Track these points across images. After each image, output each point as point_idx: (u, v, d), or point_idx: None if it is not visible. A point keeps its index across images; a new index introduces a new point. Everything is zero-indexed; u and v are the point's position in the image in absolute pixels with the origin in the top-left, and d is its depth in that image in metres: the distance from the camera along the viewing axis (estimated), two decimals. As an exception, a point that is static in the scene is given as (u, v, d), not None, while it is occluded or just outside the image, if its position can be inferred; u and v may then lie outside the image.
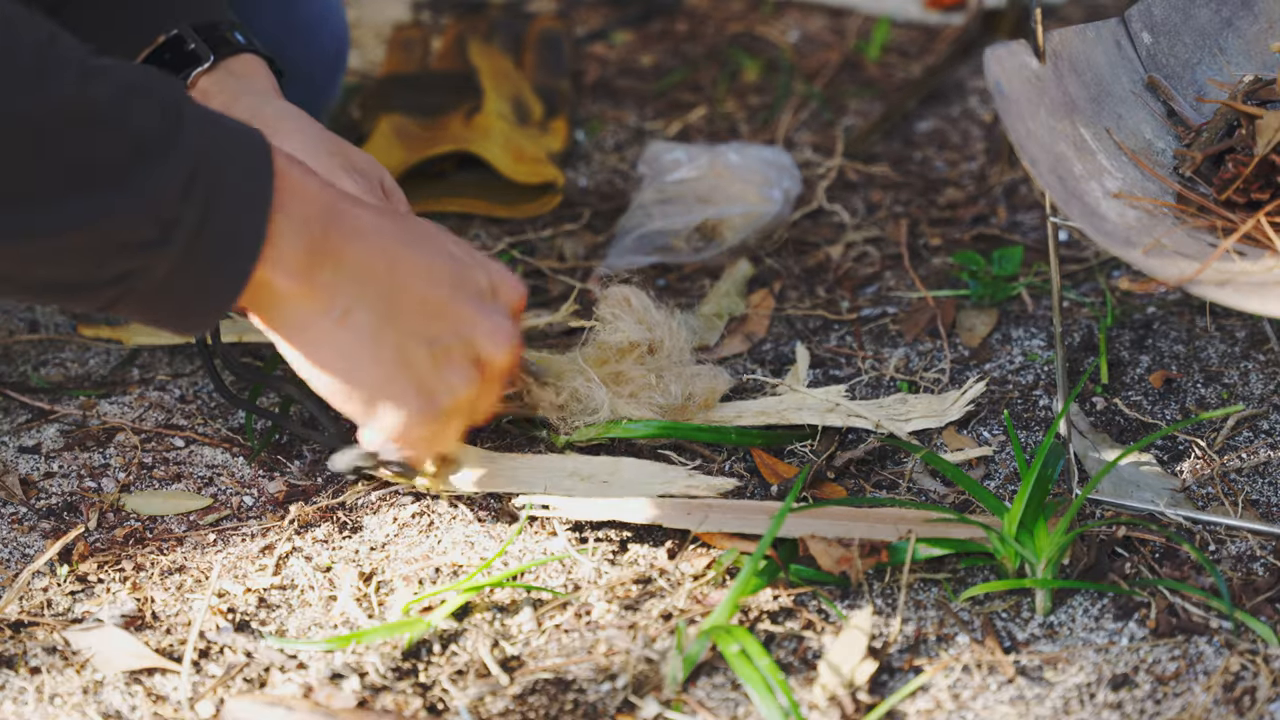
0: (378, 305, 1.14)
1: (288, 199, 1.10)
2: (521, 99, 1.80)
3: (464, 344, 1.18)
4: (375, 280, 1.14)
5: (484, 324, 1.18)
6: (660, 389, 1.36)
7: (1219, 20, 1.32)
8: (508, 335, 1.19)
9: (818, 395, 1.40)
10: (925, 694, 1.14)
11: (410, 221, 1.21)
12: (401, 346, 1.16)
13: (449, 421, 1.20)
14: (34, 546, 1.29)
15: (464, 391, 1.19)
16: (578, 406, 1.36)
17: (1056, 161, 1.15)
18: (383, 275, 1.14)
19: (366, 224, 1.15)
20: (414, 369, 1.17)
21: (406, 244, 1.17)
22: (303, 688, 1.16)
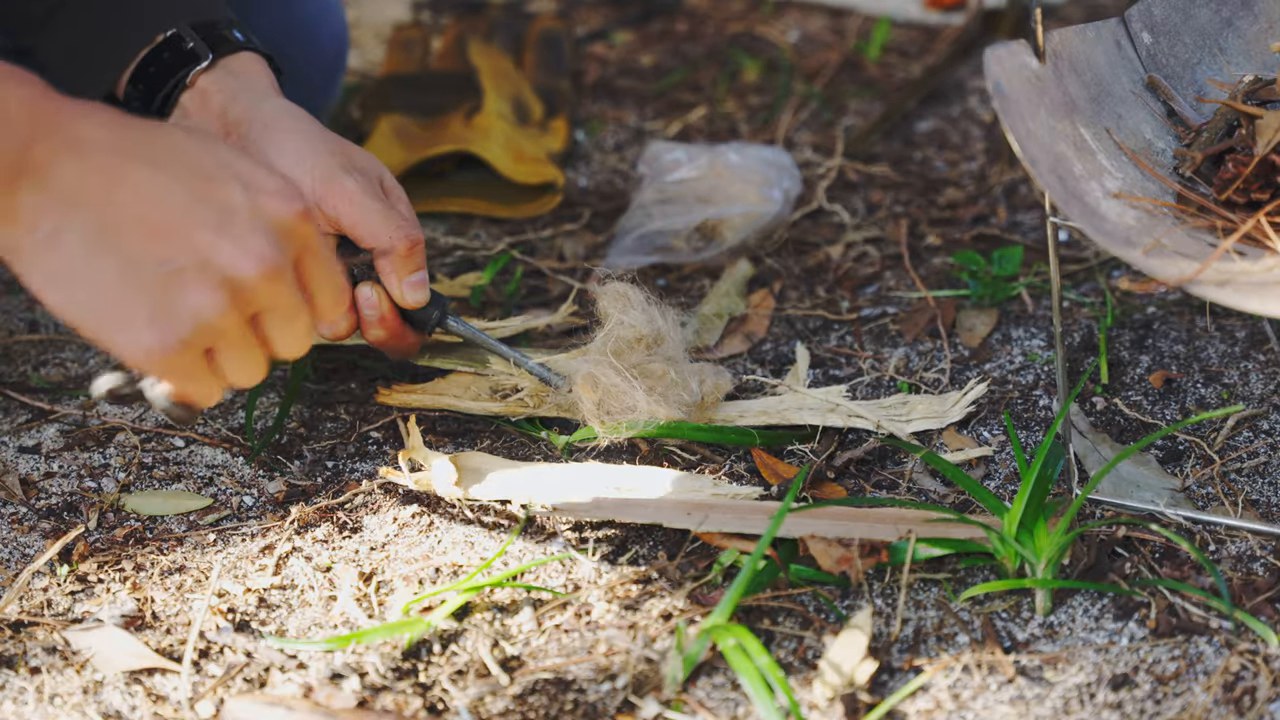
0: (90, 226, 1.07)
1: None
2: (521, 99, 1.80)
3: (200, 265, 1.08)
4: (88, 199, 1.07)
5: (223, 244, 1.08)
6: (684, 386, 1.36)
7: (1219, 20, 1.32)
8: (259, 255, 1.09)
9: (818, 395, 1.40)
10: (925, 694, 1.14)
11: (155, 135, 1.12)
12: (122, 270, 1.08)
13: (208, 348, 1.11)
14: (34, 546, 1.29)
15: (209, 315, 1.09)
16: (615, 405, 1.35)
17: (1056, 161, 1.15)
18: (97, 193, 1.07)
19: (89, 139, 1.08)
20: (140, 293, 1.08)
21: (138, 160, 1.08)
22: (303, 688, 1.16)
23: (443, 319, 1.37)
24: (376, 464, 1.37)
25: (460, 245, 1.65)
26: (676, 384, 1.36)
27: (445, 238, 1.66)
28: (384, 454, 1.38)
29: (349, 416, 1.42)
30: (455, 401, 1.41)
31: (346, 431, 1.41)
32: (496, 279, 1.59)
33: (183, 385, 1.14)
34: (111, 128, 1.09)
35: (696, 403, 1.36)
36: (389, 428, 1.41)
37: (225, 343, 1.11)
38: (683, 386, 1.36)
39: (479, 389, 1.42)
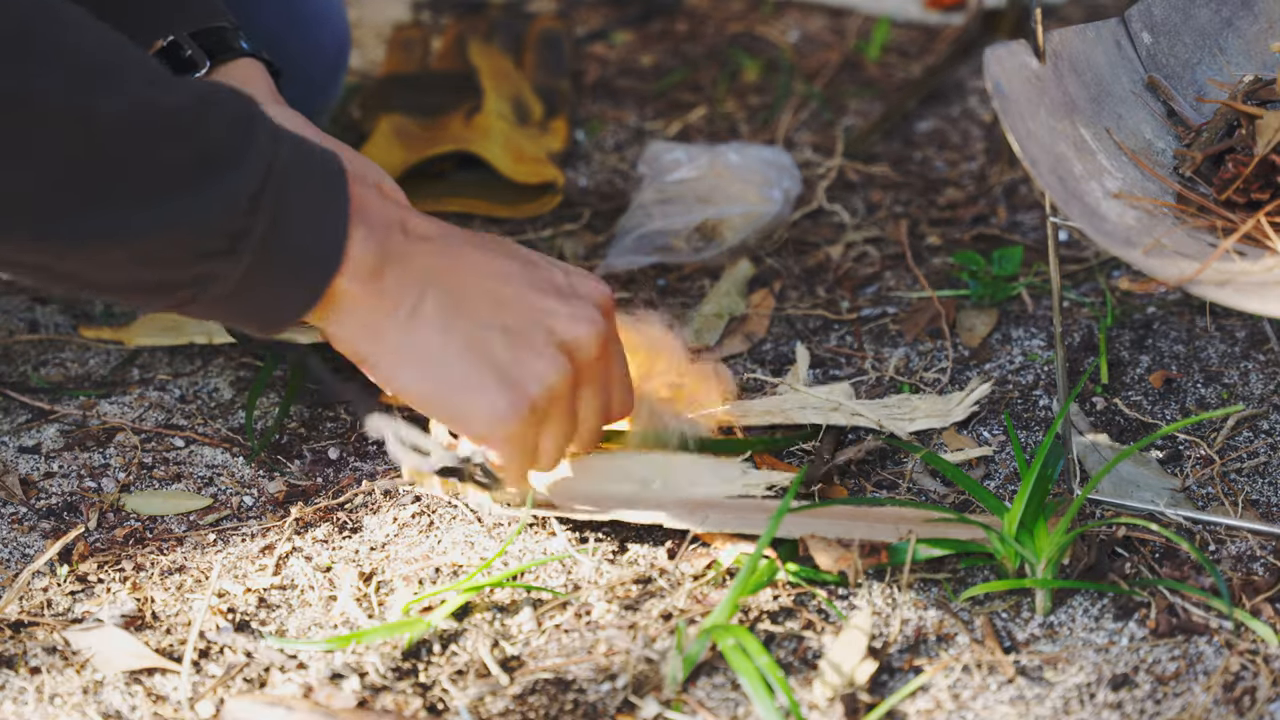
0: (445, 299, 1.15)
1: (361, 211, 1.12)
2: (521, 99, 1.80)
3: (543, 330, 1.17)
4: (441, 276, 1.15)
5: (562, 309, 1.18)
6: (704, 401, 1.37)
7: (1219, 20, 1.32)
8: (591, 320, 1.18)
9: (821, 394, 1.40)
10: (925, 694, 1.14)
11: (479, 233, 1.22)
12: (474, 336, 1.16)
13: (543, 419, 1.18)
14: (34, 546, 1.29)
15: (553, 378, 1.17)
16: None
17: (1056, 161, 1.15)
18: (448, 272, 1.16)
19: (432, 230, 1.17)
20: (491, 358, 1.16)
21: (474, 246, 1.18)
22: (303, 688, 1.16)
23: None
24: (376, 464, 1.37)
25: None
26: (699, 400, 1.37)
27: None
28: (384, 454, 1.38)
29: (349, 416, 1.42)
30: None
31: (346, 431, 1.41)
32: (496, 279, 1.59)
33: (513, 457, 1.20)
34: (435, 222, 1.19)
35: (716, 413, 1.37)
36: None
37: (557, 411, 1.19)
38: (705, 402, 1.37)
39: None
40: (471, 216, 1.69)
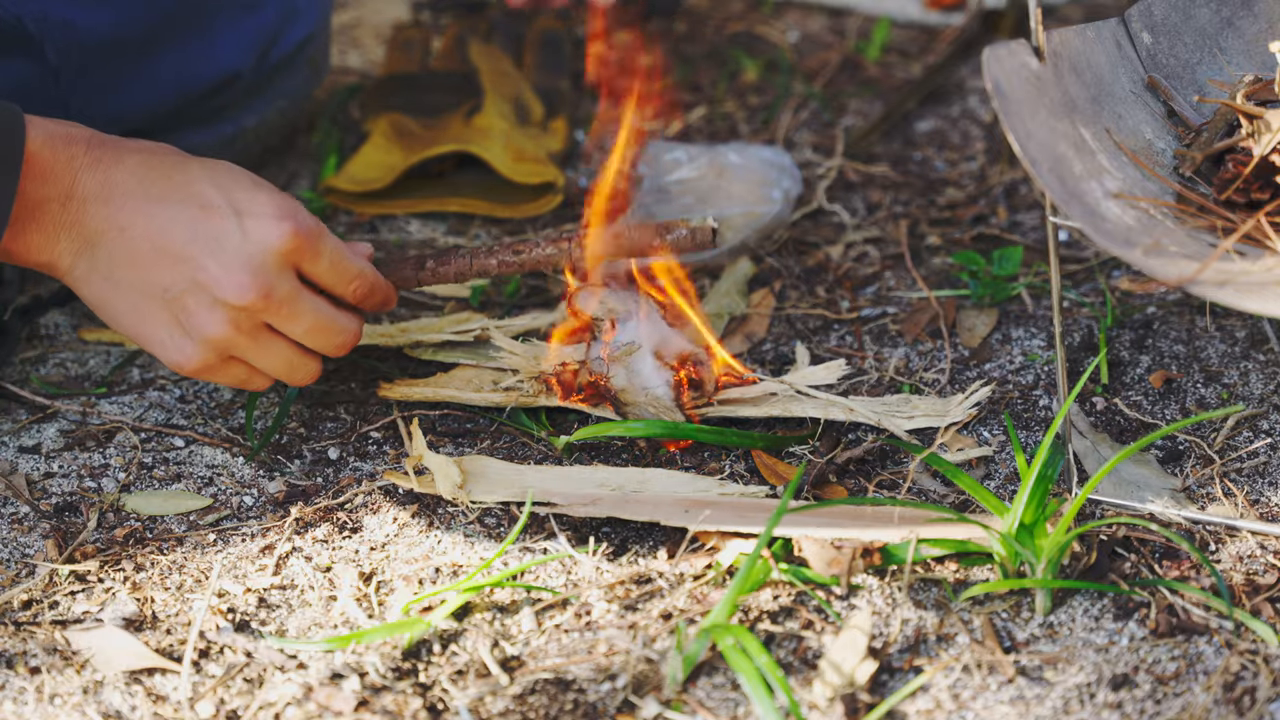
0: (108, 263, 1.27)
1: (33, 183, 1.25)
2: (521, 99, 1.80)
3: (200, 290, 1.26)
4: (107, 240, 1.27)
5: (211, 269, 1.26)
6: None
7: (1219, 20, 1.32)
8: (239, 281, 1.26)
9: (818, 373, 1.40)
10: (925, 694, 1.14)
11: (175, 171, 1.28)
12: (139, 298, 1.27)
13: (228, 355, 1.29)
14: (34, 546, 1.29)
15: (213, 333, 1.27)
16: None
17: (1056, 161, 1.15)
18: (115, 234, 1.27)
19: (116, 184, 1.27)
20: (157, 316, 1.28)
21: (152, 199, 1.27)
22: (303, 688, 1.16)
23: None
24: (376, 464, 1.37)
25: (460, 245, 1.65)
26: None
27: (445, 238, 1.66)
28: (384, 454, 1.38)
29: (349, 416, 1.42)
30: (457, 394, 1.42)
31: (346, 431, 1.41)
32: (496, 279, 1.59)
33: (231, 385, 1.33)
34: (137, 170, 1.28)
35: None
36: (389, 428, 1.41)
37: (248, 352, 1.30)
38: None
39: (481, 381, 1.43)
40: (472, 216, 1.69)
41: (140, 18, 1.52)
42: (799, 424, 1.38)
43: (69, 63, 1.48)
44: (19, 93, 1.48)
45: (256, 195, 1.28)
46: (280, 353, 1.31)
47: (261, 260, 1.26)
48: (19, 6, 1.45)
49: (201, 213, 1.27)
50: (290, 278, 1.28)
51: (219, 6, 1.57)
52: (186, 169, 1.29)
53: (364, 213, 1.69)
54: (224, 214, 1.27)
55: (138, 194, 1.27)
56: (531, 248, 1.35)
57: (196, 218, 1.27)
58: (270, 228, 1.27)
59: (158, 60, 1.54)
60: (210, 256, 1.26)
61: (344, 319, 1.32)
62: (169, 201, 1.27)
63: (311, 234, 1.28)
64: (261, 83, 1.63)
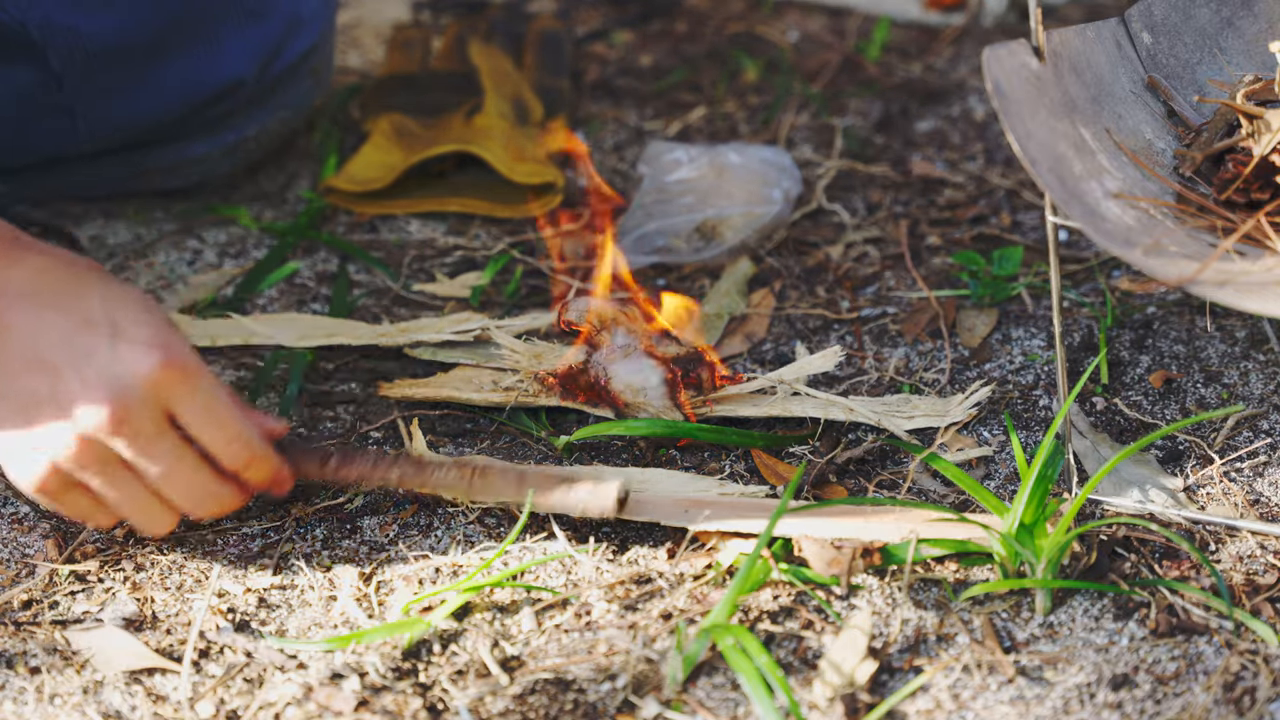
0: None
1: None
2: (521, 99, 1.80)
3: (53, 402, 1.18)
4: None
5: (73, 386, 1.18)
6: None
7: (1219, 20, 1.32)
8: (95, 403, 1.17)
9: (815, 363, 1.40)
10: (925, 694, 1.14)
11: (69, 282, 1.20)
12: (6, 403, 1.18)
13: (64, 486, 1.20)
14: (34, 546, 1.29)
15: (61, 450, 1.18)
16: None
17: (1056, 161, 1.15)
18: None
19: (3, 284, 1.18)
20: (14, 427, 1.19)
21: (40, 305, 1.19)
22: (303, 688, 1.16)
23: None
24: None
25: (460, 245, 1.65)
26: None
27: (445, 238, 1.66)
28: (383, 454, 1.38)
29: (349, 416, 1.42)
30: (457, 394, 1.42)
31: (346, 431, 1.41)
32: (496, 279, 1.59)
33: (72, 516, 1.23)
34: (35, 274, 1.20)
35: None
36: (389, 428, 1.41)
37: (93, 481, 1.20)
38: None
39: (481, 381, 1.43)
40: (472, 216, 1.69)
41: (145, 24, 1.52)
42: (799, 424, 1.38)
43: (72, 69, 1.48)
44: (22, 99, 1.48)
45: (141, 322, 1.19)
46: (130, 492, 1.21)
47: (124, 385, 1.17)
48: (23, 12, 1.45)
49: (80, 326, 1.18)
50: (155, 413, 1.19)
51: (225, 14, 1.57)
52: (84, 283, 1.21)
53: (364, 213, 1.69)
54: (100, 331, 1.18)
55: (28, 296, 1.19)
56: (435, 469, 1.29)
57: (74, 330, 1.18)
58: (140, 354, 1.17)
59: (162, 68, 1.54)
60: (74, 370, 1.18)
61: (210, 481, 1.22)
62: (55, 309, 1.19)
63: (187, 371, 1.19)
64: (264, 92, 1.63)
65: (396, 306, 1.56)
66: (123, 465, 1.20)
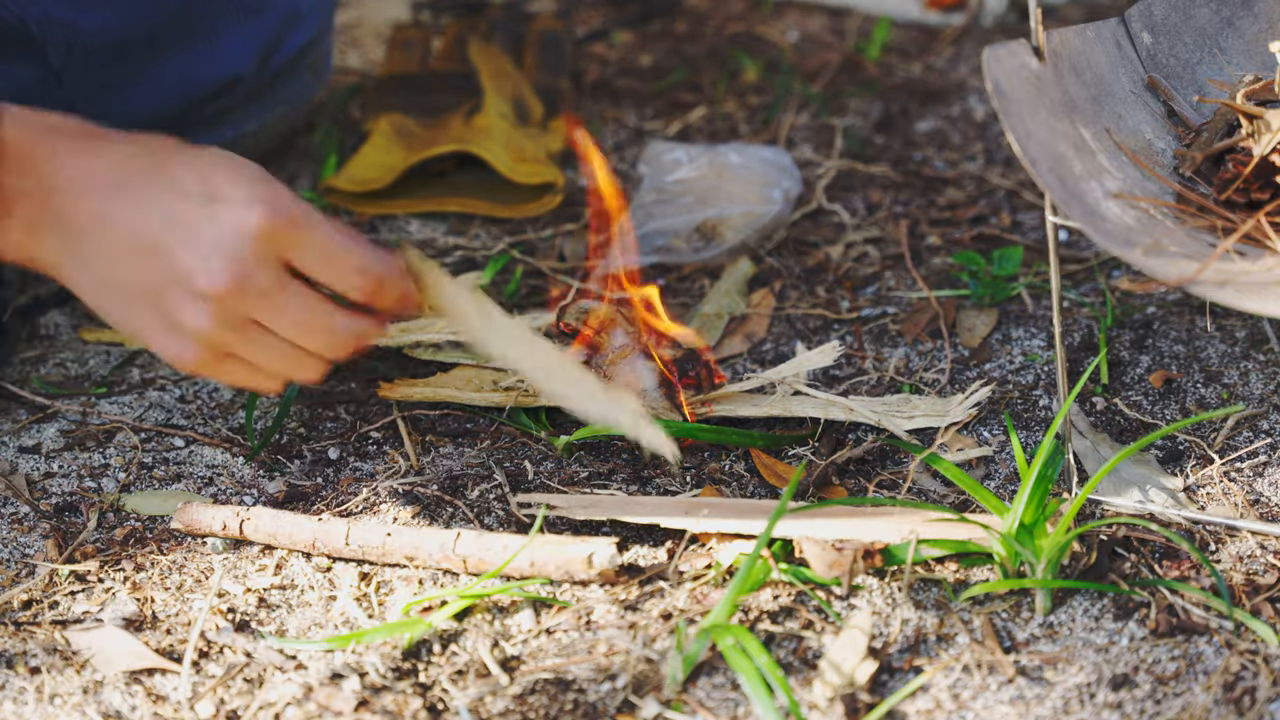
0: (94, 260, 1.21)
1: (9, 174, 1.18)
2: (521, 99, 1.80)
3: (176, 283, 1.19)
4: (90, 236, 1.20)
5: (187, 261, 1.18)
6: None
7: (1219, 20, 1.32)
8: (214, 270, 1.18)
9: (814, 359, 1.40)
10: (925, 694, 1.14)
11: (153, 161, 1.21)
12: (125, 294, 1.21)
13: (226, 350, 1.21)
14: (34, 546, 1.29)
15: (201, 328, 1.19)
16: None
17: (1056, 161, 1.15)
18: (97, 229, 1.20)
19: (95, 177, 1.19)
20: (145, 312, 1.21)
21: (131, 190, 1.20)
22: (303, 688, 1.16)
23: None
24: (376, 464, 1.37)
25: (460, 245, 1.65)
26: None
27: (445, 238, 1.66)
28: (384, 454, 1.38)
29: (349, 416, 1.42)
30: (457, 394, 1.42)
31: (346, 431, 1.41)
32: (496, 279, 1.59)
33: (237, 384, 1.25)
34: (121, 160, 1.20)
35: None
36: (389, 428, 1.41)
37: (240, 349, 1.21)
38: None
39: (481, 381, 1.43)
40: (472, 216, 1.69)
41: (144, 19, 1.52)
42: (799, 424, 1.38)
43: (72, 65, 1.48)
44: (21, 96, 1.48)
45: (237, 180, 1.19)
46: (274, 350, 1.22)
47: (235, 247, 1.18)
48: (22, 9, 1.45)
49: (176, 200, 1.19)
50: (272, 268, 1.19)
51: (223, 9, 1.57)
52: (172, 157, 1.22)
53: (364, 213, 1.69)
54: (198, 200, 1.18)
55: (118, 184, 1.20)
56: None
57: (171, 205, 1.19)
58: (241, 214, 1.18)
59: (161, 63, 1.54)
60: (184, 245, 1.18)
61: (342, 318, 1.22)
62: (146, 190, 1.19)
63: (292, 219, 1.19)
64: (263, 87, 1.63)
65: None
66: (257, 327, 1.21)
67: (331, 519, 1.28)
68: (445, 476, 1.35)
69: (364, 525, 1.27)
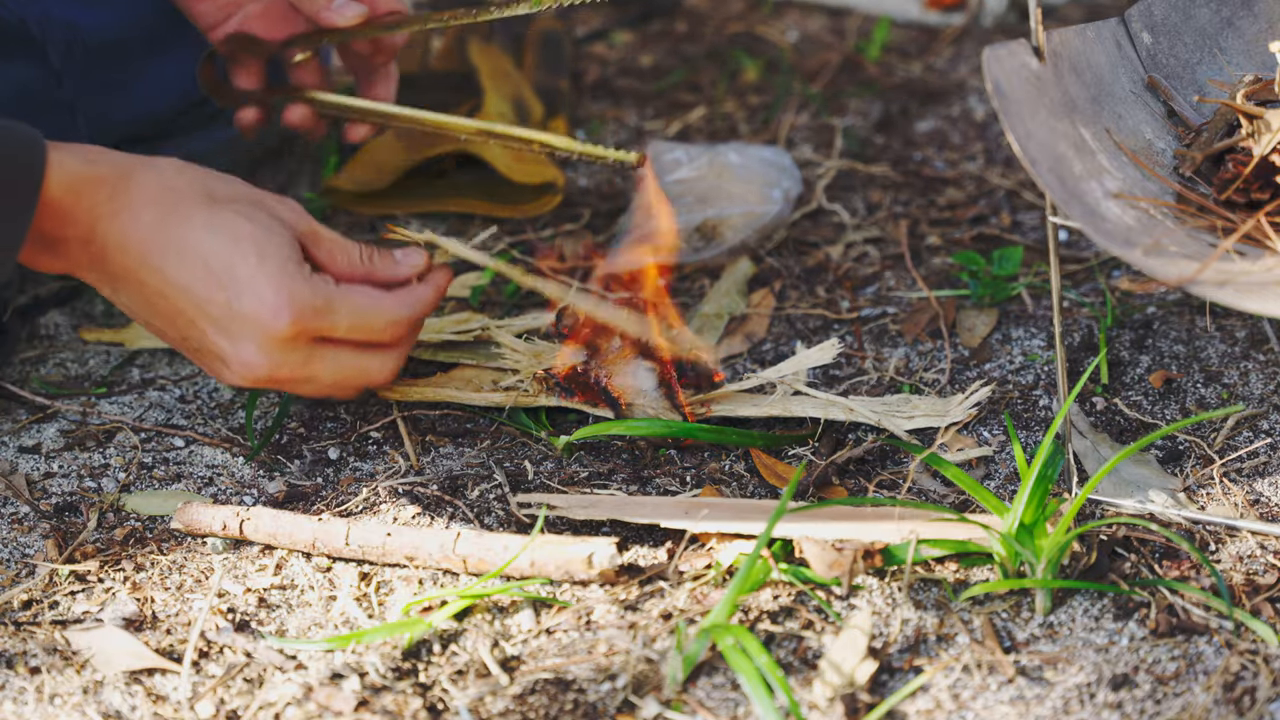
0: (134, 300, 1.29)
1: (51, 223, 1.24)
2: (521, 99, 1.80)
3: (209, 352, 1.29)
4: (129, 284, 1.28)
5: (221, 343, 1.27)
6: None
7: (1219, 20, 1.32)
8: (245, 361, 1.27)
9: (813, 356, 1.40)
10: (925, 694, 1.14)
11: (188, 229, 1.26)
12: (170, 334, 1.30)
13: (270, 382, 1.30)
14: (34, 546, 1.29)
15: (239, 383, 1.29)
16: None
17: (1056, 161, 1.15)
18: (135, 281, 1.27)
19: (127, 242, 1.25)
20: (186, 350, 1.31)
21: (165, 255, 1.26)
22: (303, 688, 1.16)
23: None
24: (376, 464, 1.37)
25: (460, 245, 1.65)
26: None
27: (445, 238, 1.66)
28: (384, 454, 1.38)
29: (349, 416, 1.42)
30: (457, 394, 1.42)
31: (346, 431, 1.41)
32: (496, 279, 1.59)
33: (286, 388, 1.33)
34: (152, 227, 1.25)
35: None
36: (389, 428, 1.41)
37: (285, 388, 1.32)
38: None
39: (481, 381, 1.43)
40: (472, 216, 1.69)
41: (143, 18, 1.52)
42: (799, 424, 1.38)
43: (72, 65, 1.48)
44: (22, 96, 1.48)
45: (257, 275, 1.25)
46: (318, 388, 1.32)
47: (264, 343, 1.26)
48: (23, 8, 1.45)
49: (210, 285, 1.26)
50: (301, 352, 1.28)
51: None
52: (196, 229, 1.26)
53: (364, 213, 1.69)
54: (225, 290, 1.25)
55: (152, 252, 1.26)
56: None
57: (201, 290, 1.26)
58: (266, 318, 1.25)
59: (160, 62, 1.54)
60: (216, 331, 1.26)
61: (374, 362, 1.32)
62: (179, 265, 1.26)
63: (317, 312, 1.26)
64: None
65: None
66: (299, 386, 1.31)
67: (331, 519, 1.28)
68: (445, 476, 1.35)
69: (364, 525, 1.27)
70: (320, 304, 1.26)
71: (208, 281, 1.25)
